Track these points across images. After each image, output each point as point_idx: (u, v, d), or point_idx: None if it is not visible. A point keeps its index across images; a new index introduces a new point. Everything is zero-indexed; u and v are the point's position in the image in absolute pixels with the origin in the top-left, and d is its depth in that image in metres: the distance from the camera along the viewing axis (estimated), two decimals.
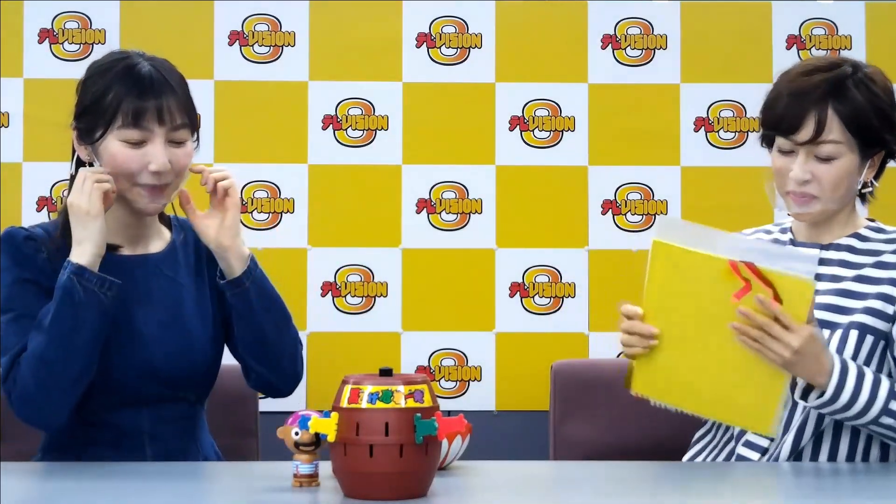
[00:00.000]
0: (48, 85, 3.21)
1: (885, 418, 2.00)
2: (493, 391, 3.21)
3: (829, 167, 2.10)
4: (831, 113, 2.08)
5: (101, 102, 2.04)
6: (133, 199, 2.06)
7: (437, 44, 3.27)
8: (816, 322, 1.98)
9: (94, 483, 1.85)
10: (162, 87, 2.03)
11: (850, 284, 2.15)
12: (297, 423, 1.71)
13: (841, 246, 2.19)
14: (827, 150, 2.09)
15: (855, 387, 1.98)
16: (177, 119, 2.04)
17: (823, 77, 2.11)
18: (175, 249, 2.18)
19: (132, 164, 2.02)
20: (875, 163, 2.16)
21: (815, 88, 2.10)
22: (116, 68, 2.06)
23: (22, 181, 3.19)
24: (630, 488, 1.86)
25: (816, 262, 1.99)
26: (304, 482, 1.74)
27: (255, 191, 3.23)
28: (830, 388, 1.97)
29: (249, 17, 3.26)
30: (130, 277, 2.08)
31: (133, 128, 2.02)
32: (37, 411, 2.00)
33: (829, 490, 1.91)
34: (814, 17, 3.30)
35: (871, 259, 2.17)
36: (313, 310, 3.20)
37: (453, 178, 3.25)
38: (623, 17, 3.29)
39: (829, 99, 2.09)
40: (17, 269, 2.04)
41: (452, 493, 1.75)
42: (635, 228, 3.25)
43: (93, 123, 2.05)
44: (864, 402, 1.98)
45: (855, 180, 2.14)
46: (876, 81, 2.14)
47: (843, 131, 2.09)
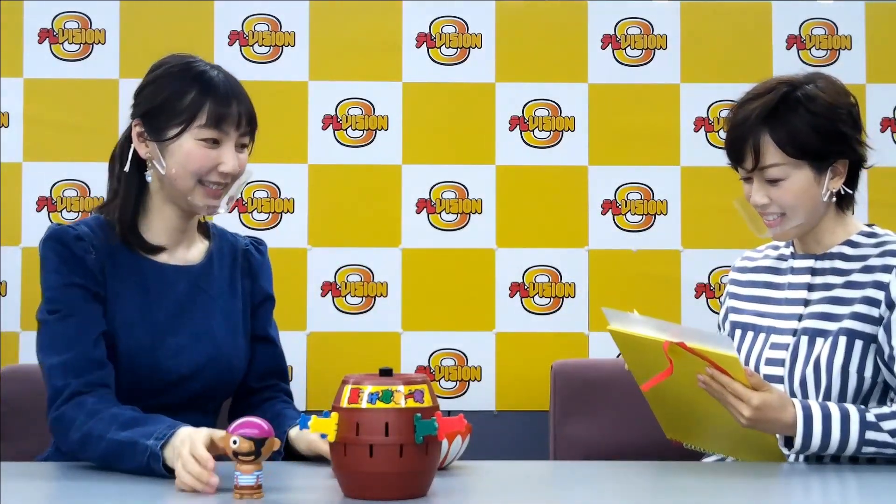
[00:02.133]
0: (48, 85, 3.21)
1: (866, 448, 2.02)
2: (493, 391, 3.21)
3: (781, 189, 2.14)
4: (766, 138, 2.13)
5: (178, 102, 2.08)
6: (194, 197, 2.11)
7: (437, 44, 3.28)
8: (768, 386, 2.00)
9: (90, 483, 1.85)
10: (240, 94, 2.13)
11: (839, 291, 2.17)
12: (237, 430, 1.65)
13: (833, 255, 2.21)
14: (772, 173, 2.14)
15: (823, 431, 2.01)
16: (247, 126, 2.14)
17: (757, 104, 2.15)
18: (212, 260, 2.22)
19: (206, 162, 2.09)
20: (840, 171, 2.16)
21: (748, 117, 2.14)
22: (191, 71, 2.11)
23: (22, 181, 3.19)
24: (630, 488, 1.86)
25: (733, 344, 2.05)
26: (244, 494, 1.64)
27: (255, 191, 3.23)
28: (798, 439, 2.00)
29: (249, 17, 3.26)
30: (171, 287, 2.13)
31: (214, 129, 2.08)
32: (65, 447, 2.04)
33: (830, 490, 1.91)
34: (814, 17, 3.30)
35: (858, 265, 2.18)
36: (313, 310, 3.20)
37: (453, 178, 3.25)
38: (623, 17, 3.29)
39: (761, 125, 2.13)
40: (66, 272, 2.06)
41: (452, 493, 1.75)
42: (635, 228, 3.25)
43: (166, 122, 2.09)
44: (838, 441, 2.01)
45: (816, 193, 2.15)
46: (816, 99, 2.14)
47: (781, 154, 2.12)
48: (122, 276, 2.09)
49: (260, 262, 2.29)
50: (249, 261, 2.27)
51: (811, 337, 2.15)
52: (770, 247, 2.37)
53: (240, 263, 2.25)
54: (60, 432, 2.01)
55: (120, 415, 1.97)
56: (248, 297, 2.25)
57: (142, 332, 2.07)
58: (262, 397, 2.24)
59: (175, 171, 2.08)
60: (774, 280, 2.29)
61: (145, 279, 2.11)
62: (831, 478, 1.98)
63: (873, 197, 3.26)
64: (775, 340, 2.21)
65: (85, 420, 1.97)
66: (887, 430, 2.02)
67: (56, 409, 2.01)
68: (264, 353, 2.26)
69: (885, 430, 2.02)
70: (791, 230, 2.19)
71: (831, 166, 2.15)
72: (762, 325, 2.25)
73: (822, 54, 3.29)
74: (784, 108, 2.13)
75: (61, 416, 2.00)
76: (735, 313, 2.33)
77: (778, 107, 2.13)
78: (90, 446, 1.95)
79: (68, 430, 1.98)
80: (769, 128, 2.12)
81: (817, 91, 2.15)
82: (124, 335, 2.06)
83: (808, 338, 2.16)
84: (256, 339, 2.26)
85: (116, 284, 2.08)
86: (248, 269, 2.26)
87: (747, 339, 2.27)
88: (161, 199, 2.14)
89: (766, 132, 2.12)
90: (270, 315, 2.30)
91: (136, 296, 2.09)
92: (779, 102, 2.14)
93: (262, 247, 2.33)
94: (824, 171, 2.15)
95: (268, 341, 2.28)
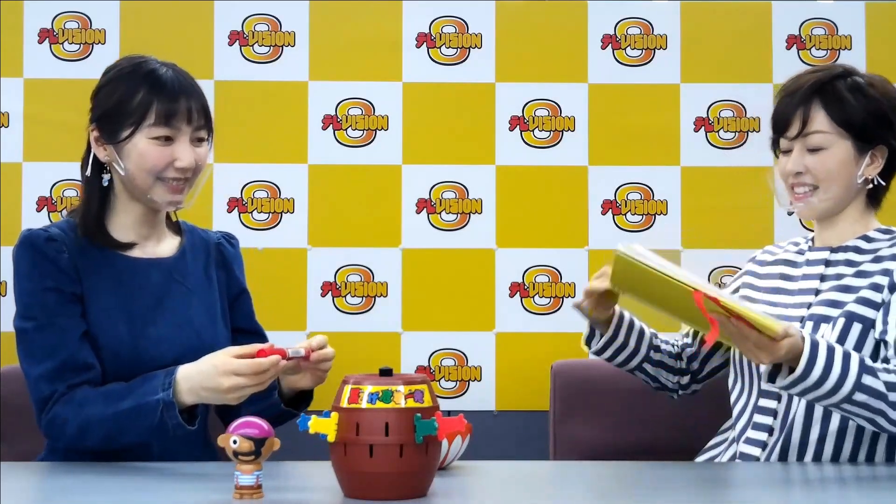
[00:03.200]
0: (48, 85, 3.21)
1: (858, 394, 1.99)
2: (493, 391, 3.21)
3: (820, 157, 2.18)
4: (816, 106, 2.18)
5: (128, 104, 2.11)
6: (154, 194, 2.14)
7: (437, 44, 3.27)
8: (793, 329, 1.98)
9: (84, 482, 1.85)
10: (189, 90, 2.15)
11: (848, 280, 2.19)
12: (237, 430, 1.66)
13: (848, 248, 2.23)
14: (815, 140, 2.18)
15: (826, 361, 1.98)
16: (200, 119, 2.16)
17: (812, 77, 2.22)
18: (185, 254, 2.25)
19: (160, 160, 2.12)
20: (878, 159, 2.19)
21: (801, 86, 2.21)
22: (140, 72, 2.14)
23: (22, 181, 3.19)
24: (630, 488, 1.86)
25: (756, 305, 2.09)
26: (245, 494, 1.66)
27: (255, 191, 3.22)
28: (801, 364, 1.97)
29: (249, 17, 3.26)
30: (146, 279, 2.16)
31: (164, 126, 2.11)
32: (63, 444, 2.07)
33: (830, 491, 1.91)
34: (814, 17, 3.30)
35: (870, 257, 2.19)
36: (313, 310, 3.20)
37: (453, 178, 3.25)
38: (623, 17, 3.29)
39: (814, 95, 2.19)
40: (38, 276, 2.08)
41: (452, 493, 1.75)
42: (635, 228, 3.25)
43: (119, 124, 2.12)
44: (837, 376, 1.98)
45: (852, 172, 2.18)
46: (874, 85, 2.22)
47: (829, 122, 2.17)
48: (96, 272, 2.11)
49: (233, 255, 2.33)
50: (223, 253, 2.31)
51: (816, 322, 2.16)
52: (791, 242, 2.39)
53: (213, 256, 2.30)
54: (55, 432, 2.03)
55: (110, 391, 2.01)
56: (225, 288, 2.29)
57: (121, 324, 2.09)
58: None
59: (132, 171, 2.12)
60: (790, 272, 2.31)
61: (119, 273, 2.14)
62: (830, 477, 1.98)
63: None
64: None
65: (77, 411, 2.00)
66: (883, 381, 2.00)
67: (47, 413, 2.04)
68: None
69: (882, 380, 2.00)
70: (819, 206, 2.20)
71: (872, 150, 2.19)
72: (772, 313, 2.24)
73: (822, 54, 3.29)
74: (839, 82, 2.19)
75: (53, 417, 2.02)
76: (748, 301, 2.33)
77: (833, 80, 2.20)
78: (91, 432, 1.98)
79: (63, 427, 2.01)
80: (821, 97, 2.18)
81: (872, 78, 2.23)
82: (104, 330, 2.08)
83: (814, 323, 2.16)
84: (244, 332, 2.29)
85: (92, 281, 2.10)
86: (221, 261, 2.30)
87: None
88: (125, 198, 2.17)
89: (818, 100, 2.18)
90: (251, 307, 2.33)
91: (111, 290, 2.11)
92: (834, 78, 2.20)
93: (233, 240, 2.37)
94: (865, 153, 2.19)
95: (257, 334, 2.33)
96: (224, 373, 1.92)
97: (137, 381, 2.02)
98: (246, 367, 1.91)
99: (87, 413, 2.00)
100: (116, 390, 2.02)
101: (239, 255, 2.36)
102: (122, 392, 2.00)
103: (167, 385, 1.96)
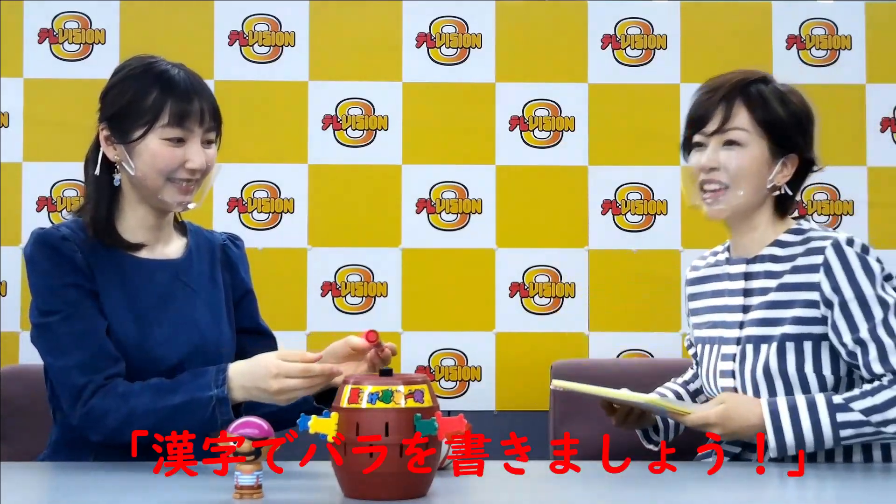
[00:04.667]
0: (48, 85, 3.21)
1: (842, 431, 2.02)
2: (493, 391, 3.21)
3: (736, 153, 2.17)
4: (739, 104, 2.18)
5: (141, 104, 2.11)
6: (164, 195, 2.13)
7: (437, 44, 3.27)
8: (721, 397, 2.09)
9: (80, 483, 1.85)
10: (201, 91, 2.14)
11: (775, 295, 2.16)
12: (237, 430, 1.65)
13: (765, 257, 2.21)
14: (733, 135, 2.17)
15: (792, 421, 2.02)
16: (211, 121, 2.15)
17: (735, 76, 2.23)
18: (191, 255, 2.25)
19: (172, 161, 2.11)
20: (788, 167, 2.18)
21: (724, 85, 2.21)
22: (152, 72, 2.14)
23: (22, 181, 3.19)
24: (630, 488, 1.86)
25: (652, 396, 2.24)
26: (244, 494, 1.65)
27: (255, 191, 3.23)
28: (769, 434, 2.02)
29: (249, 17, 3.26)
30: (152, 280, 2.16)
31: (177, 127, 2.10)
32: (101, 436, 2.05)
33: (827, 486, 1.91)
34: (814, 17, 3.30)
35: (788, 265, 2.17)
36: (313, 310, 3.20)
37: (453, 178, 3.25)
38: (623, 17, 3.29)
39: (738, 93, 2.19)
40: (58, 273, 2.08)
41: (452, 493, 1.75)
42: (635, 228, 3.25)
43: (131, 124, 2.11)
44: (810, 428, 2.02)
45: (764, 175, 2.18)
46: (793, 94, 2.23)
47: (750, 120, 2.17)
48: (105, 272, 2.12)
49: (238, 256, 2.33)
50: (228, 254, 2.31)
51: (755, 345, 2.15)
52: (711, 253, 2.38)
53: (218, 257, 2.30)
54: (94, 424, 2.03)
55: (157, 385, 2.02)
56: (230, 289, 2.29)
57: (128, 323, 2.10)
58: None
59: (144, 171, 2.11)
60: (718, 287, 2.29)
61: (127, 274, 2.14)
62: (828, 477, 1.98)
63: (873, 198, 3.26)
64: (724, 351, 2.21)
65: (121, 404, 2.00)
66: (858, 410, 2.01)
67: (84, 405, 2.03)
68: (265, 346, 2.30)
69: (856, 410, 2.01)
70: (727, 207, 2.19)
71: (784, 158, 2.18)
72: (713, 336, 2.25)
73: (822, 54, 3.29)
74: (762, 85, 2.20)
75: (91, 409, 2.02)
76: (697, 329, 2.35)
77: (757, 83, 2.20)
78: (136, 424, 1.98)
79: (104, 419, 2.01)
80: (744, 95, 2.18)
81: (791, 89, 2.24)
82: (114, 329, 2.08)
83: (753, 346, 2.15)
84: (251, 332, 2.30)
85: (102, 281, 2.11)
86: (226, 262, 2.30)
87: (706, 353, 2.27)
88: (134, 198, 2.17)
89: (741, 98, 2.18)
90: (256, 308, 2.34)
91: (120, 290, 2.11)
92: (757, 80, 2.21)
93: (238, 242, 2.37)
94: (778, 158, 2.18)
95: (264, 335, 2.34)
96: (275, 375, 1.94)
97: (186, 377, 2.03)
98: (297, 370, 1.92)
99: (133, 405, 2.00)
100: (164, 384, 2.02)
101: (244, 256, 2.36)
102: (171, 386, 2.01)
103: (220, 382, 1.98)
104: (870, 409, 2.02)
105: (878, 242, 3.26)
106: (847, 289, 2.08)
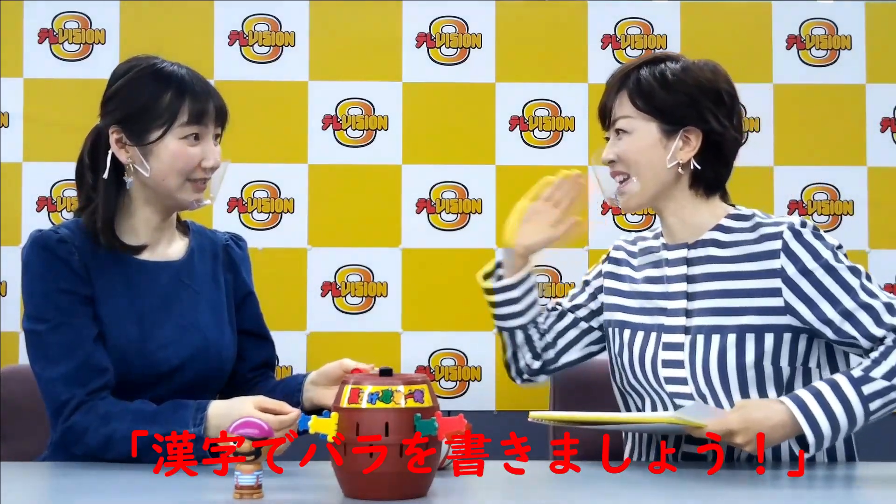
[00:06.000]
0: (48, 85, 3.22)
1: (871, 404, 1.97)
2: (493, 391, 3.21)
3: (625, 141, 2.18)
4: (622, 94, 2.19)
5: (157, 105, 2.10)
6: (182, 194, 2.13)
7: (437, 44, 3.28)
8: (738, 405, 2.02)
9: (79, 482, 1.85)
10: (211, 90, 2.16)
11: (727, 283, 2.13)
12: (237, 430, 1.65)
13: (706, 241, 2.18)
14: (619, 124, 2.18)
15: (823, 408, 1.96)
16: (222, 118, 2.18)
17: (622, 68, 2.23)
18: (193, 256, 2.24)
19: (191, 160, 2.11)
20: (691, 142, 2.16)
21: (612, 79, 2.22)
22: (162, 73, 2.13)
23: (22, 181, 3.19)
24: (630, 488, 1.86)
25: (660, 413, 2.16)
26: (245, 494, 1.64)
27: (255, 191, 3.23)
28: (806, 430, 1.95)
29: (249, 17, 3.26)
30: (154, 281, 2.15)
31: (195, 125, 2.11)
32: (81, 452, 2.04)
33: (832, 485, 1.91)
34: (814, 17, 3.30)
35: (738, 251, 2.14)
36: (313, 310, 3.21)
37: (453, 178, 3.25)
38: (623, 17, 3.29)
39: (620, 84, 2.20)
40: (51, 277, 2.06)
41: (452, 493, 1.75)
42: (635, 228, 3.25)
43: (147, 125, 2.10)
44: (842, 411, 1.96)
45: (661, 156, 2.16)
46: (679, 66, 2.19)
47: (631, 106, 2.17)
48: (106, 274, 2.10)
49: (241, 257, 2.32)
50: (230, 255, 2.30)
51: (707, 335, 2.11)
52: (639, 237, 2.35)
53: (221, 258, 2.29)
54: (74, 440, 2.02)
55: (138, 411, 1.99)
56: (232, 290, 2.28)
57: (130, 326, 2.09)
58: (253, 383, 2.28)
59: (162, 171, 2.10)
60: (654, 274, 2.24)
61: (129, 275, 2.12)
62: (828, 477, 1.98)
63: (873, 197, 3.26)
64: (667, 340, 2.16)
65: (101, 424, 1.99)
66: (880, 377, 1.98)
67: (65, 421, 2.02)
68: (263, 349, 2.31)
69: (878, 378, 1.98)
70: (633, 196, 2.18)
71: (682, 133, 2.15)
72: (650, 323, 2.20)
73: (822, 54, 3.29)
74: (644, 69, 2.19)
75: (72, 426, 2.01)
76: (619, 311, 2.28)
77: (639, 68, 2.20)
78: (115, 447, 1.97)
79: (83, 437, 2.00)
80: (624, 84, 2.19)
81: (690, 63, 2.22)
82: (113, 331, 2.07)
83: (704, 336, 2.11)
84: (251, 334, 2.29)
85: (102, 282, 2.09)
86: (229, 263, 2.29)
87: (637, 339, 2.21)
88: (141, 200, 2.15)
89: (623, 88, 2.19)
90: (258, 310, 2.33)
91: (121, 292, 2.10)
92: (641, 65, 2.20)
93: (241, 242, 2.36)
94: (673, 136, 2.15)
95: (263, 338, 2.33)
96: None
97: (168, 407, 2.00)
98: (275, 423, 1.89)
99: (114, 429, 1.98)
100: (145, 411, 2.00)
101: (247, 256, 2.35)
102: (152, 415, 1.99)
103: (199, 421, 1.95)
104: (890, 373, 1.98)
105: (878, 242, 3.27)
106: (816, 267, 2.06)
